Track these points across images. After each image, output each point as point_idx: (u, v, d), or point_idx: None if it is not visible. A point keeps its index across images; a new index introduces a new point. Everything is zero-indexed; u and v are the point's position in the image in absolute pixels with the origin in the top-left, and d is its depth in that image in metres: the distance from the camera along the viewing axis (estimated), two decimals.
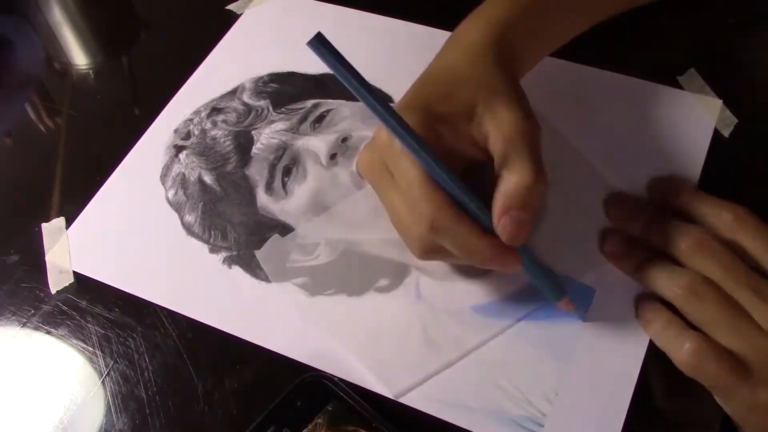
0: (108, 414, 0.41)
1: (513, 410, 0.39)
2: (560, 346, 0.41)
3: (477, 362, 0.41)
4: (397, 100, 0.52)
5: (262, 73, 0.55)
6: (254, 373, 0.42)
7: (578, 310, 0.41)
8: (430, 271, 0.44)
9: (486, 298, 0.43)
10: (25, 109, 0.57)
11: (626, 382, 0.39)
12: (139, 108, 0.55)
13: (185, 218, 0.48)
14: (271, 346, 0.42)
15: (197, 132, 0.52)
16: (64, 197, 0.50)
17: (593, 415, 0.38)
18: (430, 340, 0.41)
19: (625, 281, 0.42)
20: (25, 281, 0.47)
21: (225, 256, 0.46)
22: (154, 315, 0.44)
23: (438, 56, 0.43)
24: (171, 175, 0.50)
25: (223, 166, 0.50)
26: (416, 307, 0.43)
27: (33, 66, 0.60)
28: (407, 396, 0.40)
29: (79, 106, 0.56)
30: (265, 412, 0.39)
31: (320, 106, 0.52)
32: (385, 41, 0.55)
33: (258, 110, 0.53)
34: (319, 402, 0.39)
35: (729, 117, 0.48)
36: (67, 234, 0.48)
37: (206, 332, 0.43)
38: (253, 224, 0.47)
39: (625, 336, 0.40)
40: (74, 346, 0.44)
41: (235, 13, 0.59)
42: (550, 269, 0.40)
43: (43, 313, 0.45)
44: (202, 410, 0.40)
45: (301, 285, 0.44)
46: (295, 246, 0.45)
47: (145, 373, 0.42)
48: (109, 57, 0.61)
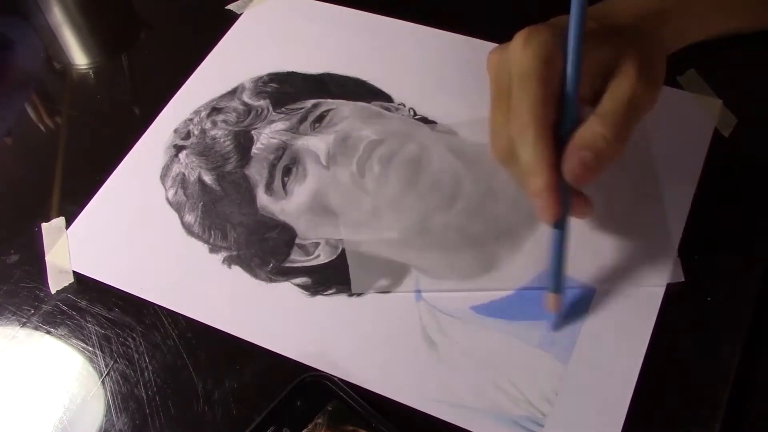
0: (108, 414, 0.41)
1: (513, 410, 0.39)
2: (560, 346, 0.41)
3: (477, 362, 0.41)
4: (397, 101, 0.52)
5: (261, 73, 0.55)
6: (254, 373, 0.42)
7: (558, 317, 0.41)
8: (430, 271, 0.44)
9: (486, 298, 0.43)
10: (25, 109, 0.57)
11: (626, 382, 0.39)
12: (139, 108, 0.55)
13: (185, 218, 0.48)
14: (271, 346, 0.42)
15: (197, 132, 0.52)
16: (64, 197, 0.50)
17: (593, 415, 0.38)
18: (430, 340, 0.41)
19: (625, 281, 0.42)
20: (25, 281, 0.47)
21: (225, 256, 0.46)
22: (154, 315, 0.44)
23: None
24: (171, 175, 0.50)
25: (223, 165, 0.50)
26: (416, 307, 0.43)
27: (33, 66, 0.60)
28: (407, 396, 0.40)
29: (79, 106, 0.56)
30: (265, 412, 0.39)
31: (320, 106, 0.52)
32: (385, 41, 0.55)
33: (258, 110, 0.53)
34: (319, 402, 0.39)
35: (729, 117, 0.48)
36: (67, 234, 0.48)
37: (206, 332, 0.43)
38: (253, 224, 0.47)
39: (625, 336, 0.40)
40: (74, 345, 0.44)
41: (235, 13, 0.59)
42: (564, 262, 0.40)
43: (42, 313, 0.45)
44: (202, 410, 0.40)
45: (301, 285, 0.44)
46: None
47: (145, 373, 0.42)
48: (109, 57, 0.61)
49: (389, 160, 0.48)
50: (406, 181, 0.47)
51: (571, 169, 0.38)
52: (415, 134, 0.50)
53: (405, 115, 0.51)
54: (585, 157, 0.38)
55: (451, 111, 0.51)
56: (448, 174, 0.47)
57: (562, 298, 0.40)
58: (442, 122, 0.50)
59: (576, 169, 0.38)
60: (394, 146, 0.49)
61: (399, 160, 0.48)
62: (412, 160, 0.48)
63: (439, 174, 0.47)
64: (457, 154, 0.48)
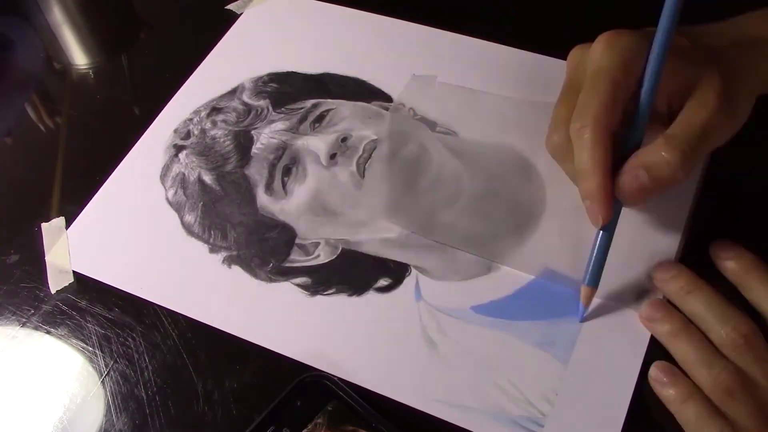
0: (108, 414, 0.41)
1: (513, 410, 0.39)
2: (560, 346, 0.41)
3: (477, 362, 0.41)
4: (397, 101, 0.52)
5: (261, 73, 0.55)
6: (254, 373, 0.42)
7: (585, 309, 0.41)
8: (430, 271, 0.44)
9: (486, 298, 0.43)
10: (25, 109, 0.57)
11: (626, 382, 0.39)
12: (138, 108, 0.55)
13: (185, 218, 0.48)
14: (271, 346, 0.42)
15: (197, 132, 0.52)
16: (64, 197, 0.50)
17: (593, 415, 0.38)
18: (430, 340, 0.41)
19: (625, 282, 0.42)
20: (25, 281, 0.47)
21: (225, 255, 0.46)
22: (154, 315, 0.44)
23: (732, 22, 0.43)
24: (171, 174, 0.50)
25: (223, 165, 0.50)
26: (416, 307, 0.43)
27: (33, 66, 0.60)
28: (407, 396, 0.40)
29: (79, 106, 0.56)
30: (265, 412, 0.39)
31: (320, 106, 0.52)
32: (385, 41, 0.55)
33: (258, 110, 0.53)
34: (319, 402, 0.39)
35: None
36: (66, 234, 0.48)
37: (206, 332, 0.43)
38: (252, 224, 0.47)
39: (625, 336, 0.40)
40: (74, 345, 0.44)
41: (235, 13, 0.59)
42: (604, 260, 0.40)
43: (42, 312, 0.45)
44: (202, 410, 0.40)
45: (301, 285, 0.44)
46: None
47: (145, 373, 0.42)
48: (109, 57, 0.61)
49: (389, 160, 0.48)
50: (406, 181, 0.47)
51: (626, 185, 0.37)
52: (415, 134, 0.50)
53: (405, 115, 0.51)
54: (642, 177, 0.37)
55: (451, 111, 0.51)
56: (447, 174, 0.47)
57: (593, 294, 0.40)
58: (442, 122, 0.50)
59: (630, 187, 0.37)
60: (394, 146, 0.49)
61: (399, 160, 0.48)
62: (412, 160, 0.48)
63: (438, 174, 0.47)
64: (457, 154, 0.48)
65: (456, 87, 0.52)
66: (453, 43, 0.55)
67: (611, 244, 0.40)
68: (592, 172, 0.37)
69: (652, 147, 0.37)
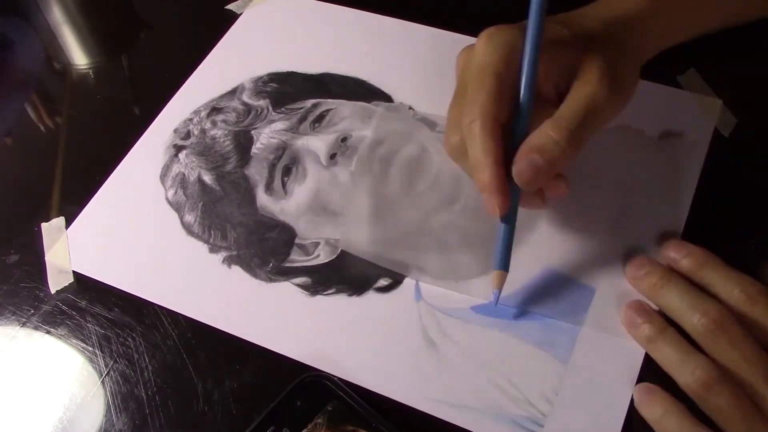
0: (108, 414, 0.41)
1: (513, 410, 0.39)
2: (560, 346, 0.41)
3: (477, 362, 0.41)
4: (397, 101, 0.52)
5: (261, 73, 0.55)
6: (254, 373, 0.42)
7: (498, 293, 0.41)
8: (430, 271, 0.44)
9: (486, 298, 0.43)
10: (25, 109, 0.57)
11: (626, 382, 0.39)
12: (138, 108, 0.55)
13: (185, 218, 0.48)
14: (271, 346, 0.42)
15: (197, 132, 0.52)
16: (64, 197, 0.50)
17: (593, 415, 0.38)
18: (430, 340, 0.41)
19: (625, 282, 0.42)
20: (25, 281, 0.47)
21: (225, 256, 0.46)
22: (154, 315, 0.44)
23: (599, 3, 0.44)
24: (171, 174, 0.50)
25: (223, 165, 0.50)
26: (416, 307, 0.43)
27: (33, 66, 0.60)
28: (407, 396, 0.40)
29: (79, 106, 0.56)
30: (264, 412, 0.39)
31: (320, 106, 0.52)
32: (385, 41, 0.56)
33: (258, 110, 0.53)
34: (319, 402, 0.39)
35: (729, 117, 0.48)
36: (66, 234, 0.48)
37: (206, 332, 0.43)
38: (252, 224, 0.47)
39: (625, 336, 0.40)
40: (74, 345, 0.44)
41: (235, 13, 0.59)
42: (511, 246, 0.40)
43: (42, 312, 0.45)
44: (201, 410, 0.40)
45: (301, 285, 0.44)
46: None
47: (145, 373, 0.42)
48: (109, 57, 0.61)
49: (389, 160, 0.48)
50: (406, 181, 0.47)
51: (520, 171, 0.38)
52: (415, 134, 0.50)
53: (405, 115, 0.51)
54: (535, 160, 0.37)
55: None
56: (447, 174, 0.47)
57: (503, 276, 0.40)
58: (441, 122, 0.50)
59: (525, 172, 0.37)
60: (394, 146, 0.49)
61: (399, 160, 0.48)
62: (412, 160, 0.48)
63: (438, 174, 0.47)
64: None
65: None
66: (453, 43, 0.54)
67: (608, 243, 0.39)
68: (485, 164, 0.38)
69: (541, 130, 0.38)
